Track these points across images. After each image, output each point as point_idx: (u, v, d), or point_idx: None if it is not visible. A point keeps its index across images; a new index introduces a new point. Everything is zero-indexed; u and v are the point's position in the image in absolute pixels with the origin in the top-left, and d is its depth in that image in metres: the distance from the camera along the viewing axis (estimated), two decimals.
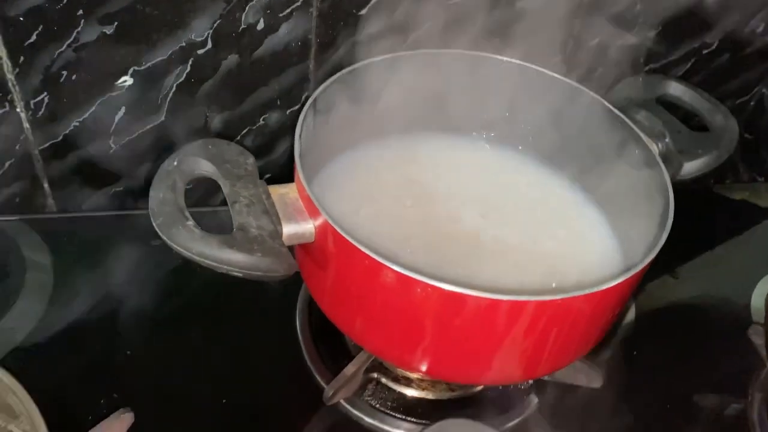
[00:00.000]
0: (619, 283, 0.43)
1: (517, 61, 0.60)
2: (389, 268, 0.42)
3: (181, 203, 0.43)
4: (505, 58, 0.61)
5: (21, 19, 0.59)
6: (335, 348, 0.58)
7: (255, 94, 0.70)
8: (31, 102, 0.64)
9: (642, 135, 0.55)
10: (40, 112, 0.65)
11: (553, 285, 0.51)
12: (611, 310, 0.48)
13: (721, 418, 0.60)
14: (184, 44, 0.64)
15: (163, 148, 0.71)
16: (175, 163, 0.44)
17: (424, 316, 0.44)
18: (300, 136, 0.48)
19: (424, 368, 0.48)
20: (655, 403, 0.60)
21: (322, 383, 0.56)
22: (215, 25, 0.63)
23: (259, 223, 0.44)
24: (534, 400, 0.58)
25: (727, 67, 0.80)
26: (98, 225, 0.70)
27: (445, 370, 0.49)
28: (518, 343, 0.45)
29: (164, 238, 0.42)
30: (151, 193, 0.43)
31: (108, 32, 0.61)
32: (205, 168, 0.46)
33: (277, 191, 0.47)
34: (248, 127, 0.72)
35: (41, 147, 0.67)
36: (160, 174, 0.44)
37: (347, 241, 0.43)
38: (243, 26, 0.64)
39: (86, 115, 0.66)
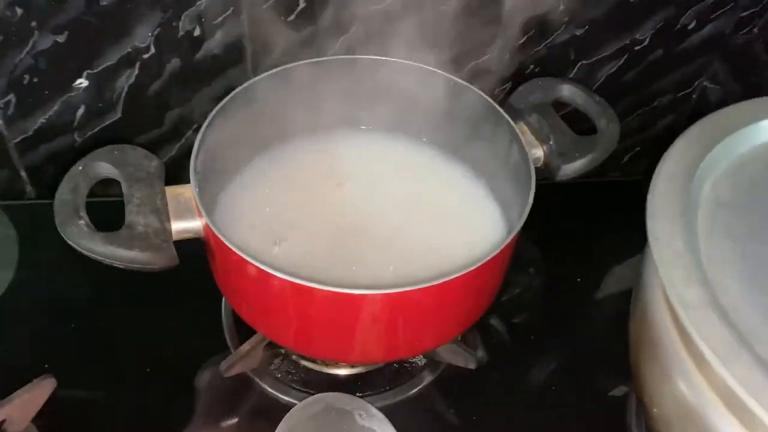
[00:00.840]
0: (458, 277, 0.48)
1: (418, 64, 0.65)
2: (251, 263, 0.48)
3: (79, 203, 0.50)
4: (405, 62, 0.65)
5: None
6: None
7: (200, 93, 0.76)
8: (1, 101, 0.73)
9: (522, 138, 0.59)
10: (10, 111, 0.73)
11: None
12: (461, 302, 0.53)
13: (606, 399, 0.65)
14: (130, 50, 0.71)
15: (122, 140, 0.79)
16: (80, 168, 0.52)
17: (287, 305, 0.50)
18: (199, 146, 0.54)
19: (299, 349, 0.54)
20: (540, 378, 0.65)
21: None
22: (156, 32, 0.70)
23: (146, 221, 0.51)
24: (428, 377, 0.64)
25: (662, 62, 0.82)
26: None
27: (316, 351, 0.56)
28: (369, 330, 0.51)
29: (61, 234, 0.49)
30: (56, 194, 0.51)
31: (60, 40, 0.69)
32: (108, 171, 0.53)
33: (174, 192, 0.54)
34: (198, 123, 0.79)
35: (15, 140, 0.76)
36: (66, 177, 0.52)
37: (219, 239, 0.50)
38: (181, 33, 0.71)
39: (51, 113, 0.75)
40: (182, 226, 0.53)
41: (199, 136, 0.57)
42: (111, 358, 0.65)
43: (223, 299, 0.69)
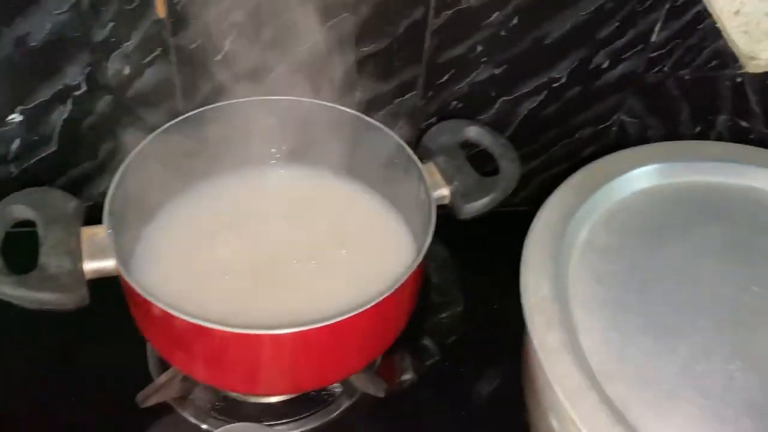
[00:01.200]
0: (355, 315, 0.51)
1: (334, 105, 0.68)
2: (155, 305, 0.51)
3: None
4: (323, 102, 0.69)
5: None
6: None
7: (133, 127, 0.79)
8: None
9: (427, 178, 0.63)
10: None
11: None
12: (362, 337, 0.57)
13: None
14: (62, 87, 0.74)
15: (58, 171, 0.82)
16: None
17: (193, 343, 0.53)
18: (115, 188, 0.57)
19: (210, 382, 0.57)
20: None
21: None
22: (86, 71, 0.73)
23: (59, 262, 0.53)
24: (345, 402, 0.68)
25: (580, 98, 0.86)
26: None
27: (226, 384, 0.59)
28: (271, 367, 0.54)
29: None
30: None
31: None
32: (25, 214, 0.56)
33: (90, 232, 0.57)
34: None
35: None
36: None
37: (125, 280, 0.52)
38: (111, 71, 0.74)
39: None
40: (96, 266, 0.55)
41: (115, 178, 0.60)
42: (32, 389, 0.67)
43: None
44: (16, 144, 0.77)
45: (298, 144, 0.73)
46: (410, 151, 0.65)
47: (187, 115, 0.66)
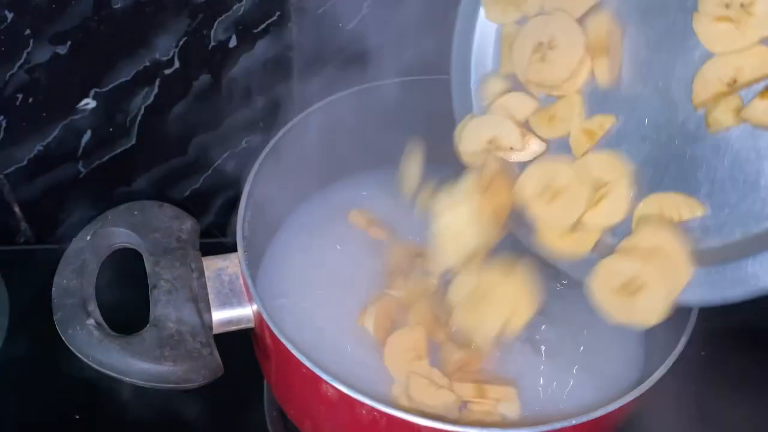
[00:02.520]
0: (608, 413, 0.34)
1: None
2: (329, 383, 0.34)
3: (88, 292, 0.36)
4: None
5: None
6: None
7: (234, 116, 0.62)
8: None
9: None
10: (0, 136, 0.59)
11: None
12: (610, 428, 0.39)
13: None
14: (148, 64, 0.57)
15: (136, 172, 0.65)
16: (89, 238, 0.37)
17: None
18: (246, 203, 0.40)
19: None
20: None
21: None
22: (181, 43, 0.56)
23: (179, 314, 0.36)
24: None
25: None
26: None
27: None
28: None
29: (62, 336, 0.35)
30: (55, 278, 0.37)
31: (61, 52, 0.55)
32: (127, 240, 0.39)
33: (214, 265, 0.40)
34: (230, 151, 0.65)
35: (6, 171, 0.62)
36: (68, 253, 0.37)
37: (281, 342, 0.35)
38: (213, 44, 0.56)
39: (49, 139, 0.60)
40: (225, 316, 0.38)
41: (247, 186, 0.42)
42: None
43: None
44: (86, 137, 0.61)
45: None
46: None
47: (330, 99, 0.49)
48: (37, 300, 0.61)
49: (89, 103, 0.58)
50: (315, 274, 0.47)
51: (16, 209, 0.66)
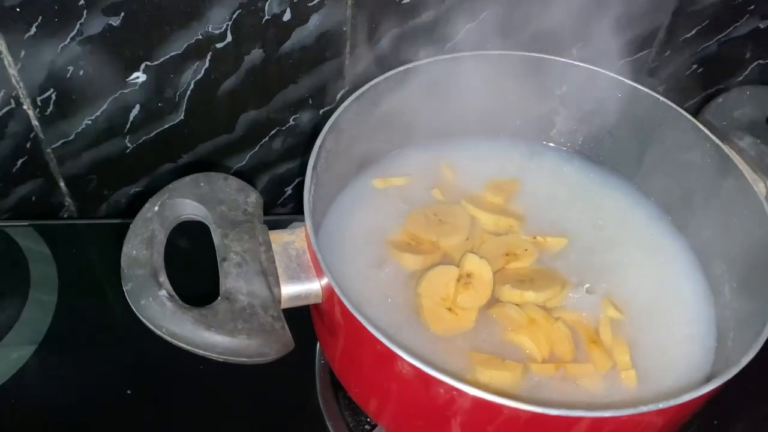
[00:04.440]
0: (696, 398, 0.33)
1: (583, 65, 0.49)
2: (405, 360, 0.33)
3: (158, 263, 0.35)
4: (569, 61, 0.50)
5: (18, 10, 0.52)
6: None
7: (283, 92, 0.61)
8: (38, 99, 0.58)
9: (744, 169, 0.44)
10: (49, 110, 0.59)
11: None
12: (689, 415, 0.38)
13: None
14: (200, 37, 0.56)
15: (183, 148, 0.64)
16: (156, 208, 0.37)
17: (450, 417, 0.35)
18: (312, 178, 0.39)
19: None
20: None
21: None
22: (234, 16, 0.55)
23: (250, 288, 0.35)
24: None
25: None
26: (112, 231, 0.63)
27: None
28: None
29: (134, 308, 0.34)
30: (124, 248, 0.36)
31: (114, 24, 0.54)
32: (194, 211, 0.38)
33: (281, 239, 0.39)
34: (277, 128, 0.64)
35: (53, 146, 0.61)
36: (136, 223, 0.37)
37: (355, 318, 0.34)
38: (267, 17, 0.55)
39: (98, 113, 0.60)
40: (294, 291, 0.38)
41: (310, 164, 0.41)
42: (172, 427, 0.50)
43: (316, 355, 0.54)
44: (135, 111, 0.60)
45: (526, 112, 0.54)
46: (708, 132, 0.45)
47: (405, 67, 0.48)
48: (84, 275, 0.61)
49: (139, 76, 0.58)
50: (365, 247, 0.46)
51: (62, 184, 0.65)
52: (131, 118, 0.61)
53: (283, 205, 0.71)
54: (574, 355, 0.43)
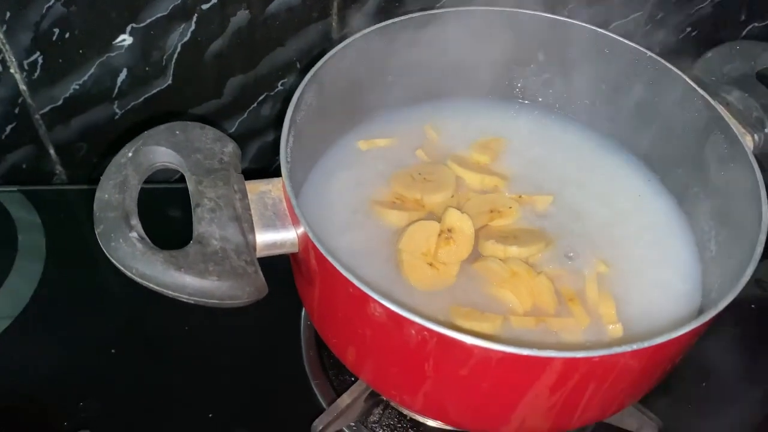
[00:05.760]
0: (673, 338, 0.32)
1: (568, 20, 0.48)
2: (377, 302, 0.33)
3: (130, 207, 0.35)
4: (553, 16, 0.49)
5: None
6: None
7: (271, 55, 0.61)
8: (25, 62, 0.57)
9: (731, 123, 0.43)
10: (36, 74, 0.58)
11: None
12: (669, 361, 0.37)
13: None
14: None
15: (172, 113, 0.64)
16: (130, 154, 0.36)
17: (423, 360, 0.35)
18: (290, 127, 0.39)
19: (429, 414, 0.39)
20: None
21: (323, 403, 0.48)
22: None
23: (223, 233, 0.35)
24: None
25: None
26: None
27: (454, 419, 0.40)
28: (542, 400, 0.35)
29: (105, 250, 0.34)
30: (96, 193, 0.36)
31: None
32: (168, 159, 0.38)
33: (257, 188, 0.39)
34: (265, 93, 0.63)
35: (42, 111, 0.61)
36: (109, 169, 0.36)
37: (329, 262, 0.34)
38: None
39: (85, 78, 0.59)
40: (269, 239, 0.37)
41: (289, 113, 0.41)
42: (160, 387, 0.50)
43: (302, 316, 0.53)
44: (122, 76, 0.60)
45: (520, 69, 0.53)
46: (693, 84, 0.44)
47: (381, 25, 0.47)
48: (73, 241, 0.61)
49: (126, 39, 0.57)
50: (348, 205, 0.46)
51: (51, 151, 0.65)
52: (119, 83, 0.60)
53: (275, 174, 0.70)
54: (556, 309, 0.42)
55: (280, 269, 0.41)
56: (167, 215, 0.60)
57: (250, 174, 0.39)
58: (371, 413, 0.48)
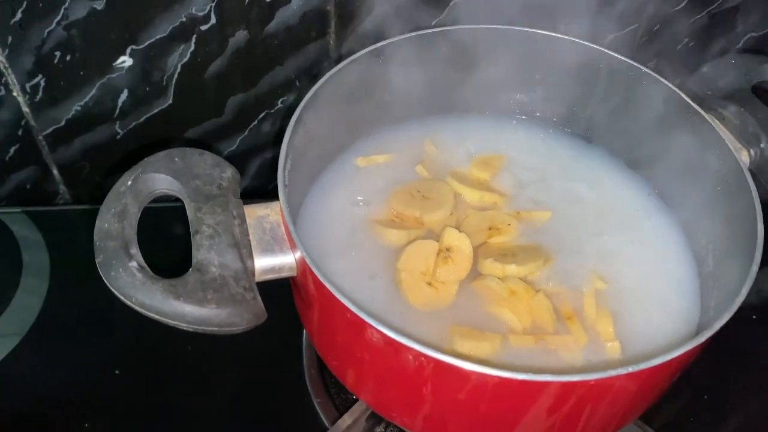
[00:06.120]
0: (670, 360, 0.32)
1: (565, 36, 0.49)
2: (374, 327, 0.33)
3: (130, 236, 0.36)
4: (551, 33, 0.49)
5: None
6: None
7: (270, 74, 0.61)
8: (27, 85, 0.58)
9: (727, 138, 0.43)
10: (38, 96, 0.59)
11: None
12: (666, 380, 0.38)
13: None
14: (184, 19, 0.56)
15: (173, 133, 0.64)
16: (129, 183, 0.37)
17: (421, 384, 0.35)
18: (287, 153, 0.39)
19: None
20: None
21: (326, 422, 0.49)
22: None
23: (222, 259, 0.36)
24: None
25: None
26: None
27: None
28: (540, 421, 0.35)
29: (105, 279, 0.34)
30: (96, 222, 0.36)
31: (98, 7, 0.54)
32: (167, 186, 0.39)
33: (255, 213, 0.39)
34: (265, 111, 0.64)
35: (44, 132, 0.62)
36: (109, 197, 0.37)
37: (326, 288, 0.34)
38: None
39: (87, 99, 0.60)
40: (268, 263, 0.38)
41: (286, 138, 0.41)
42: (164, 407, 0.50)
43: (303, 335, 0.54)
44: (123, 96, 0.60)
45: (511, 87, 0.53)
46: (689, 101, 0.44)
47: (379, 45, 0.47)
48: (77, 261, 0.61)
49: (126, 60, 0.58)
50: (348, 224, 0.46)
51: (55, 171, 0.66)
52: (120, 104, 0.61)
53: (274, 191, 0.71)
54: (555, 327, 0.42)
55: (284, 284, 0.41)
56: (169, 233, 0.61)
57: (251, 192, 0.39)
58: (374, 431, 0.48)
